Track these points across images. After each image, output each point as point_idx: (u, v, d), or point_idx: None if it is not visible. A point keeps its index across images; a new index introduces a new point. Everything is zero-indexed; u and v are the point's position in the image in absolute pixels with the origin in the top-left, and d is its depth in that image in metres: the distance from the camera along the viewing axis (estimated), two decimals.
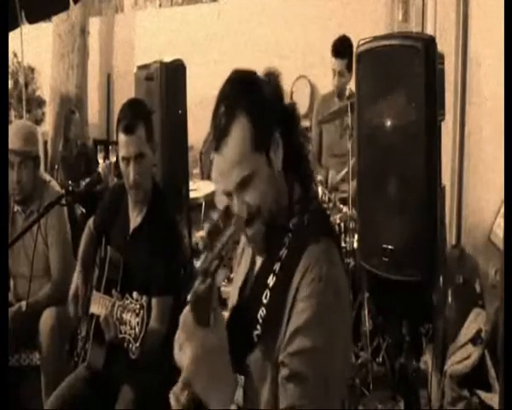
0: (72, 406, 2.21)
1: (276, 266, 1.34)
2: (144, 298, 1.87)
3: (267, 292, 1.32)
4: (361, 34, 2.67)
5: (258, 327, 1.32)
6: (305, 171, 1.46)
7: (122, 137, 2.25)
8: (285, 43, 6.39)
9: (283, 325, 1.28)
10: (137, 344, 1.81)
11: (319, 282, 1.26)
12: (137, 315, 1.84)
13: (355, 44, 2.63)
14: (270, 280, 1.33)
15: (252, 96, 1.33)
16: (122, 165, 2.29)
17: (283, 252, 1.34)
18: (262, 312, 1.32)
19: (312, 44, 6.09)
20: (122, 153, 2.27)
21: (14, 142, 2.78)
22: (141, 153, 2.26)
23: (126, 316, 1.88)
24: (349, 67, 3.85)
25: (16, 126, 2.94)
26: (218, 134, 1.31)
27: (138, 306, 1.86)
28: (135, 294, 1.91)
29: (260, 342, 1.31)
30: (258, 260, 1.45)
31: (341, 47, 3.88)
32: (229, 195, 1.35)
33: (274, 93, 1.39)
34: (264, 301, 1.32)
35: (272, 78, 1.41)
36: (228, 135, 1.30)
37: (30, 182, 2.86)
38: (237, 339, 1.34)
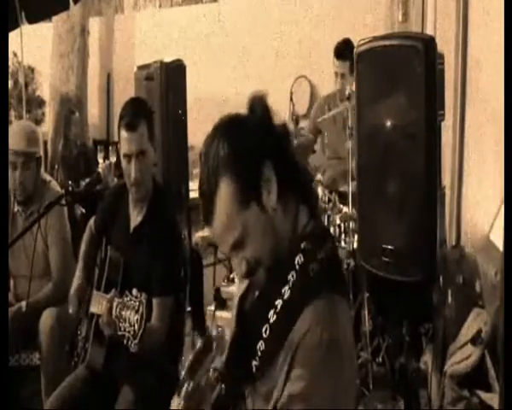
0: (72, 406, 2.21)
1: (278, 304, 1.29)
2: (144, 295, 1.87)
3: (267, 327, 1.29)
4: (361, 34, 2.67)
5: (257, 359, 1.30)
6: (307, 192, 1.39)
7: (124, 134, 2.25)
8: (285, 44, 6.39)
9: (281, 377, 1.25)
10: (136, 341, 1.81)
11: (319, 348, 1.21)
12: (137, 312, 1.84)
13: (355, 45, 2.63)
14: (271, 315, 1.29)
15: (231, 152, 1.27)
16: (123, 162, 2.28)
17: (286, 291, 1.29)
18: (261, 345, 1.29)
19: (312, 45, 6.09)
20: (124, 150, 2.27)
21: (17, 143, 2.77)
22: (142, 150, 2.26)
23: (126, 313, 1.88)
24: (351, 70, 3.85)
25: (18, 127, 2.94)
26: (205, 208, 1.29)
27: (137, 303, 1.86)
28: (134, 291, 1.91)
29: (258, 375, 1.30)
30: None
31: (344, 49, 3.89)
32: (229, 255, 1.33)
33: (260, 125, 1.31)
34: (264, 335, 1.29)
35: (257, 106, 1.33)
36: (213, 206, 1.27)
37: (32, 183, 2.86)
38: (239, 358, 1.35)
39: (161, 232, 2.30)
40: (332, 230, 3.26)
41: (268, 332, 1.29)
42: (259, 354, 1.29)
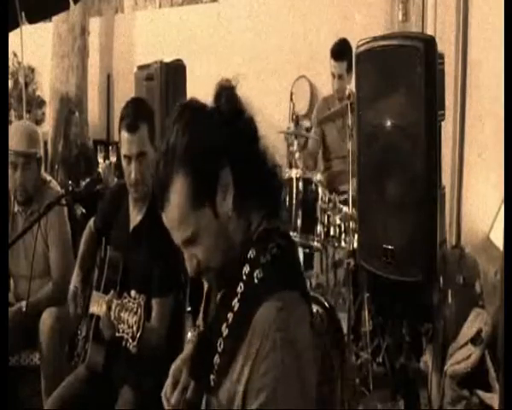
0: (72, 406, 2.21)
1: (230, 317, 1.26)
2: (142, 296, 1.88)
3: (221, 341, 1.27)
4: (361, 34, 2.67)
5: (214, 372, 1.27)
6: (266, 194, 1.32)
7: (124, 135, 2.25)
8: (285, 43, 6.39)
9: (240, 388, 1.22)
10: (135, 343, 1.81)
11: (274, 355, 1.18)
12: (135, 314, 1.84)
13: (355, 44, 2.63)
14: (224, 329, 1.27)
15: (190, 147, 1.22)
16: (123, 162, 2.28)
17: (235, 303, 1.26)
18: (217, 359, 1.27)
19: (312, 44, 6.08)
20: (124, 151, 2.27)
21: (17, 143, 2.77)
22: (142, 152, 2.26)
23: (124, 315, 1.88)
24: (348, 70, 3.86)
25: (18, 127, 2.93)
26: (158, 193, 1.26)
27: (136, 304, 1.86)
28: (133, 292, 1.91)
29: (215, 388, 1.28)
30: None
31: (340, 49, 3.88)
32: (181, 247, 1.32)
33: (224, 122, 1.26)
34: (219, 348, 1.26)
35: (224, 100, 1.29)
36: (167, 196, 1.24)
37: (32, 183, 2.85)
38: (199, 368, 1.34)
39: (161, 232, 2.29)
40: (332, 230, 3.27)
41: (222, 346, 1.26)
42: (216, 367, 1.27)
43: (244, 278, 1.26)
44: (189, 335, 1.58)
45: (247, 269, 1.27)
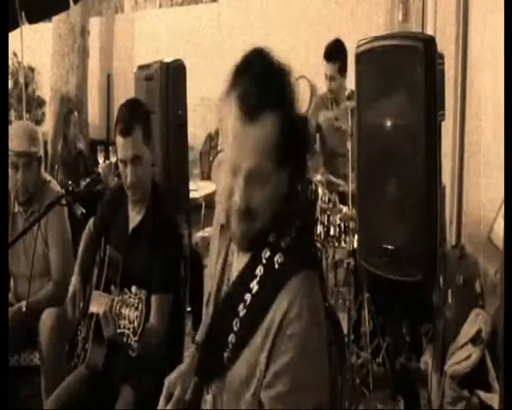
0: (72, 406, 2.21)
1: (247, 298, 1.29)
2: (143, 292, 1.88)
3: (237, 321, 1.30)
4: (360, 34, 2.67)
5: (228, 351, 1.30)
6: (297, 173, 1.33)
7: (119, 140, 2.27)
8: (285, 44, 6.39)
9: (261, 362, 1.25)
10: (136, 338, 1.81)
11: (300, 320, 1.22)
12: (136, 309, 1.84)
13: (355, 45, 2.62)
14: (241, 309, 1.29)
15: (281, 92, 1.35)
16: (120, 166, 2.31)
17: (254, 285, 1.29)
18: (232, 338, 1.30)
19: (312, 44, 6.09)
20: (119, 155, 2.29)
21: (18, 144, 2.76)
22: (137, 155, 2.27)
23: (125, 311, 1.88)
24: (341, 71, 3.84)
25: (19, 128, 2.92)
26: (250, 110, 1.25)
27: (137, 300, 1.86)
28: (134, 288, 1.91)
29: (229, 367, 1.30)
30: (234, 262, 1.40)
31: (332, 51, 3.85)
32: (234, 175, 1.26)
33: (287, 82, 1.38)
34: (235, 328, 1.30)
35: (255, 62, 1.36)
36: (255, 121, 1.24)
37: (33, 183, 2.85)
38: (211, 353, 1.36)
39: (160, 232, 2.30)
40: (332, 230, 3.27)
41: (238, 326, 1.29)
42: (230, 346, 1.30)
43: (264, 261, 1.29)
44: (189, 350, 1.59)
45: (266, 253, 1.29)
